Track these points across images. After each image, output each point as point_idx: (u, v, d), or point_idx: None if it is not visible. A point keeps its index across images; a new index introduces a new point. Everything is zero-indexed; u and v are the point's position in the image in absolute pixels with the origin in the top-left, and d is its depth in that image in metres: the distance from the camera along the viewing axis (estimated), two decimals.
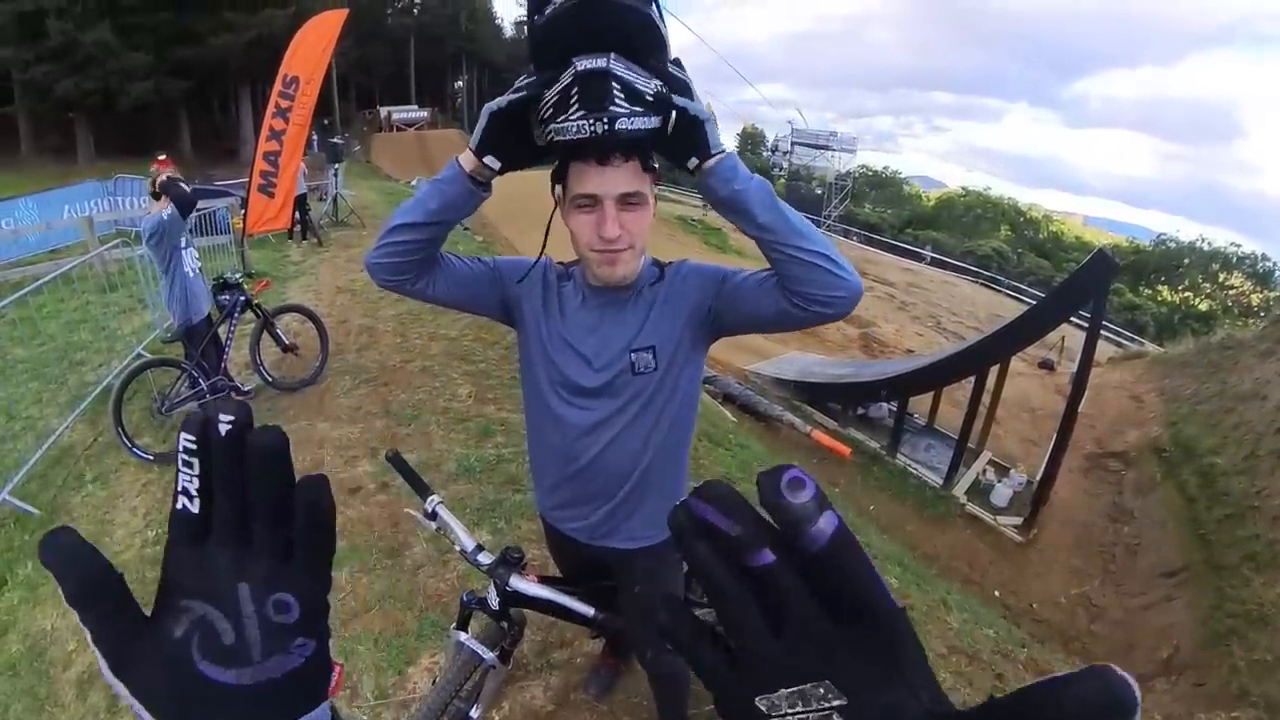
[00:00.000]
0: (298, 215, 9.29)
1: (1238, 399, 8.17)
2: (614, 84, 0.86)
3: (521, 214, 17.80)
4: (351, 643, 2.41)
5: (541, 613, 1.43)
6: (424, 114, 34.56)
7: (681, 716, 1.86)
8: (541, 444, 1.35)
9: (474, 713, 1.63)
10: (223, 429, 0.30)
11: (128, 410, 3.93)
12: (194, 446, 0.30)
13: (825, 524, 0.23)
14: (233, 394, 4.25)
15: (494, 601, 1.40)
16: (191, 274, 3.92)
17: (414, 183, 20.03)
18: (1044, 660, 3.18)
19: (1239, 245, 34.28)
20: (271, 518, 0.30)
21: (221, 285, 4.17)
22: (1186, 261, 34.36)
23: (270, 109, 6.82)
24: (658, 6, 0.91)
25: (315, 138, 14.58)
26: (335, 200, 11.47)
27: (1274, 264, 33.00)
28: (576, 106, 0.88)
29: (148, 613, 0.30)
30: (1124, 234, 50.27)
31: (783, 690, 0.25)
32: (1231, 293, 32.87)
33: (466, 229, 14.80)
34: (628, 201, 1.01)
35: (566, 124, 0.89)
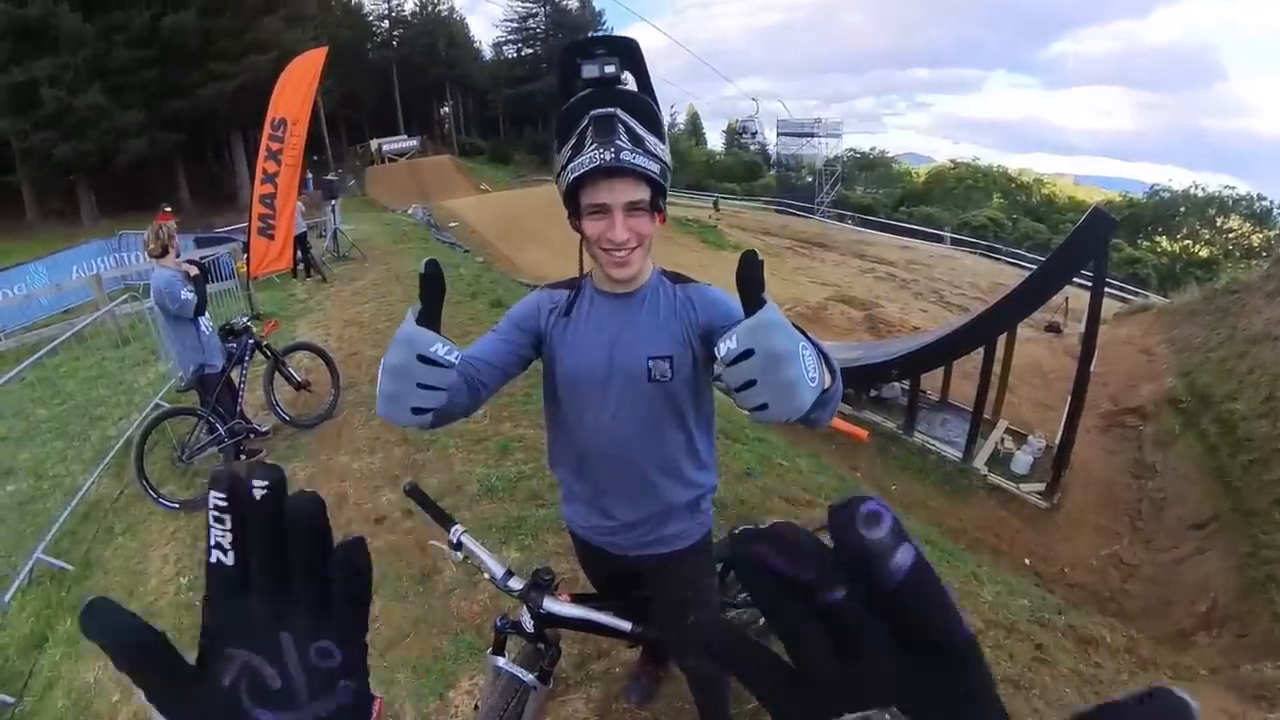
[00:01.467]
0: (299, 254, 9.41)
1: (1249, 342, 8.09)
2: (620, 124, 1.07)
3: (517, 232, 18.10)
4: (389, 672, 2.44)
5: (578, 629, 1.45)
6: (414, 143, 34.80)
7: (723, 715, 1.87)
8: (565, 454, 1.41)
9: None
10: (258, 494, 0.31)
11: (150, 461, 3.98)
12: (224, 504, 0.32)
13: (903, 559, 0.23)
14: (251, 435, 4.30)
15: (528, 625, 1.41)
16: (207, 332, 3.97)
17: (410, 211, 20.20)
18: (1081, 625, 3.17)
19: (1233, 188, 33.95)
20: (311, 573, 0.32)
21: (228, 331, 4.22)
22: (1182, 210, 34.03)
23: (262, 153, 6.91)
24: (655, 100, 1.13)
25: (310, 176, 14.75)
26: (335, 236, 11.61)
27: (1271, 203, 32.53)
28: (590, 141, 1.07)
29: (192, 661, 0.32)
30: (1116, 189, 49.75)
31: (847, 715, 0.24)
32: (1231, 236, 32.46)
33: (467, 251, 14.92)
34: (635, 208, 1.12)
35: (581, 159, 1.07)
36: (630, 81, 1.12)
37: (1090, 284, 6.64)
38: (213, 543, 0.32)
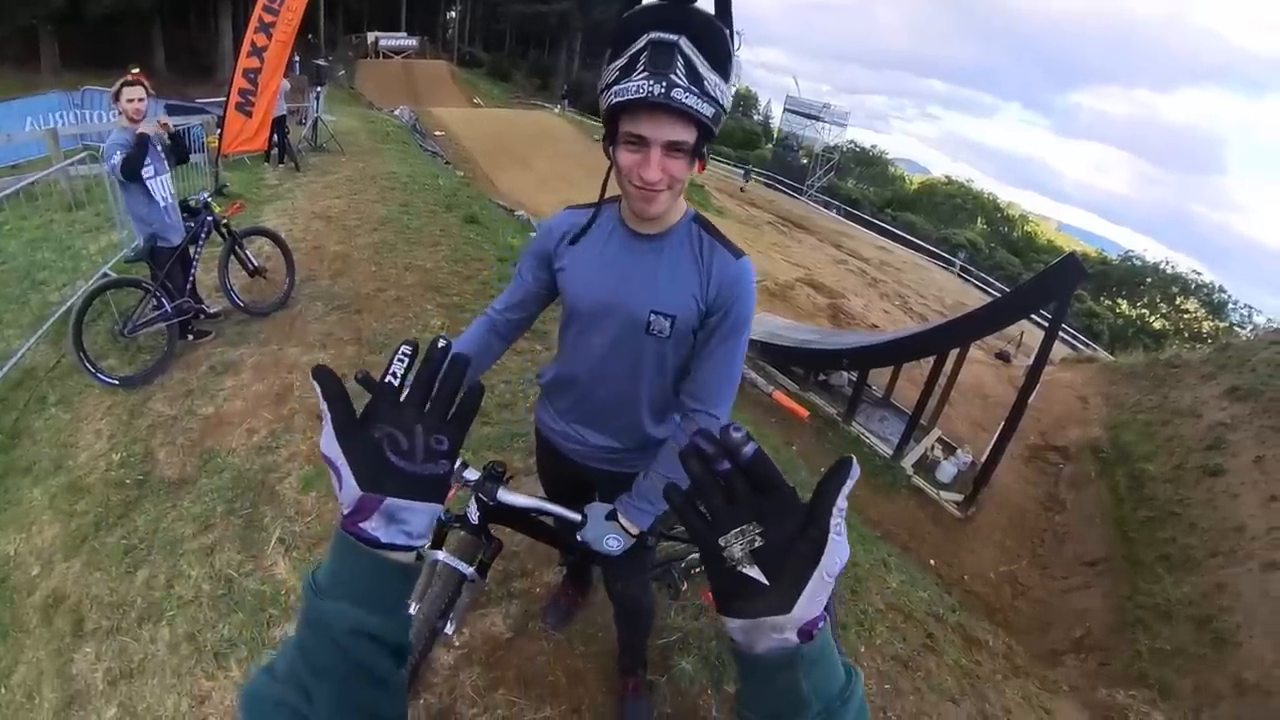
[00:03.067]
0: (275, 138, 8.93)
1: (1175, 414, 8.66)
2: (679, 56, 0.95)
3: (503, 153, 17.59)
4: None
5: (520, 529, 1.48)
6: (412, 42, 33.05)
7: (641, 645, 1.97)
8: (562, 367, 1.44)
9: (448, 628, 1.66)
10: (439, 344, 0.54)
11: (91, 332, 3.79)
12: (410, 353, 0.54)
13: (749, 449, 0.47)
14: (201, 316, 4.15)
15: (474, 516, 1.44)
16: (163, 202, 3.71)
17: (396, 111, 19.33)
18: (969, 626, 3.40)
19: (1200, 274, 36.14)
20: (446, 398, 0.54)
21: (185, 208, 3.98)
22: (1149, 281, 36.02)
23: (253, 23, 6.44)
24: (730, 33, 1.00)
25: (298, 58, 13.89)
26: (315, 124, 11.03)
27: (1229, 296, 34.81)
28: (643, 68, 0.96)
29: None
30: (1094, 245, 51.73)
31: (731, 532, 0.48)
32: (1185, 317, 34.44)
33: (448, 163, 14.42)
34: (675, 149, 1.03)
35: (629, 84, 0.98)
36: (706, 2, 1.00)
37: (1048, 324, 6.92)
38: (390, 370, 0.53)
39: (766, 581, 0.47)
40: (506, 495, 1.37)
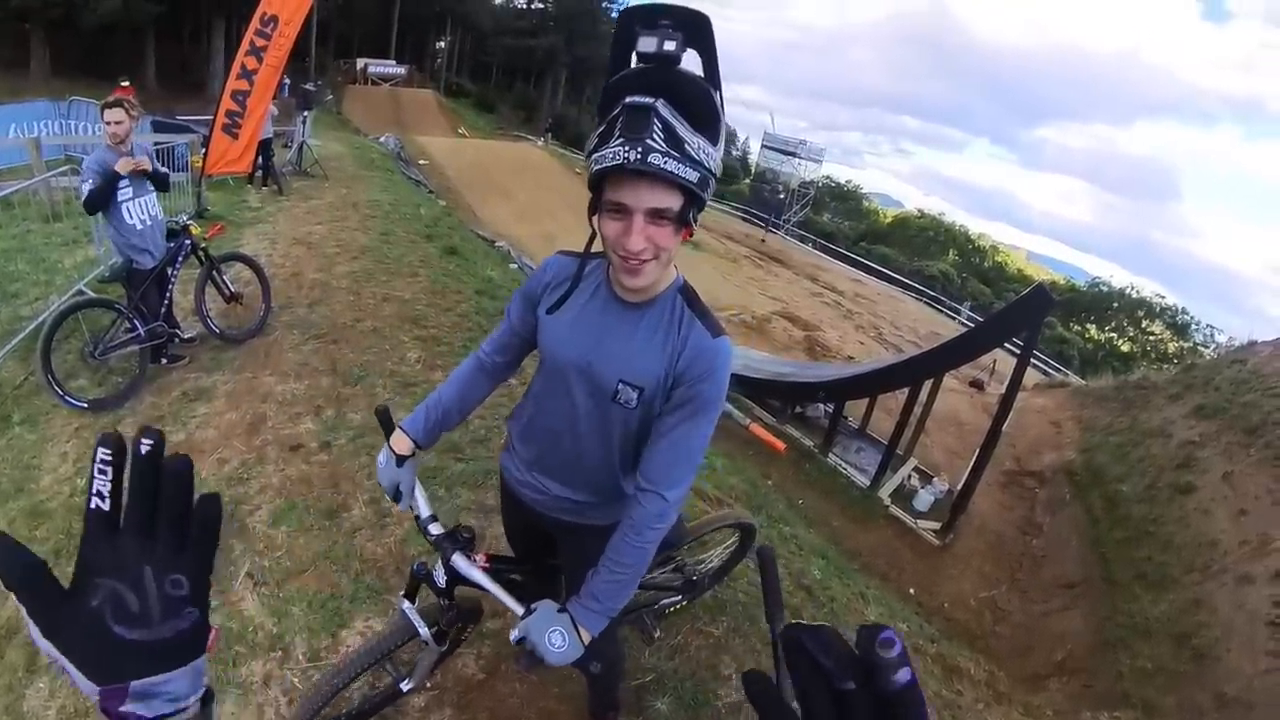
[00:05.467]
0: (260, 160, 8.92)
1: (1146, 434, 8.82)
2: (655, 120, 0.92)
3: (486, 183, 17.72)
4: (285, 604, 2.38)
5: (480, 595, 1.45)
6: (401, 70, 33.33)
7: (611, 691, 1.93)
8: (523, 410, 1.41)
9: (405, 685, 1.62)
10: (143, 449, 0.40)
11: (60, 352, 3.69)
12: (109, 458, 0.40)
13: (903, 675, 0.32)
14: (175, 340, 4.09)
15: (439, 579, 1.38)
16: (139, 225, 3.65)
17: (382, 139, 19.42)
18: (950, 655, 3.41)
19: (1163, 297, 37.62)
20: (174, 520, 0.41)
21: (166, 232, 3.93)
22: (1115, 305, 37.35)
23: (244, 46, 6.48)
24: (719, 95, 0.98)
25: (287, 82, 13.96)
26: (301, 148, 11.04)
27: (1192, 318, 36.12)
28: (619, 134, 0.94)
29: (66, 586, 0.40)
30: (1062, 273, 53.16)
31: None
32: (1152, 339, 35.64)
33: (431, 192, 14.48)
34: (659, 216, 1.00)
35: (606, 150, 0.95)
36: (693, 64, 0.96)
37: (1019, 351, 7.07)
38: (94, 490, 0.40)
39: None
40: (460, 562, 1.31)
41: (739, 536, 2.24)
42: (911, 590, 6.11)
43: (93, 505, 0.40)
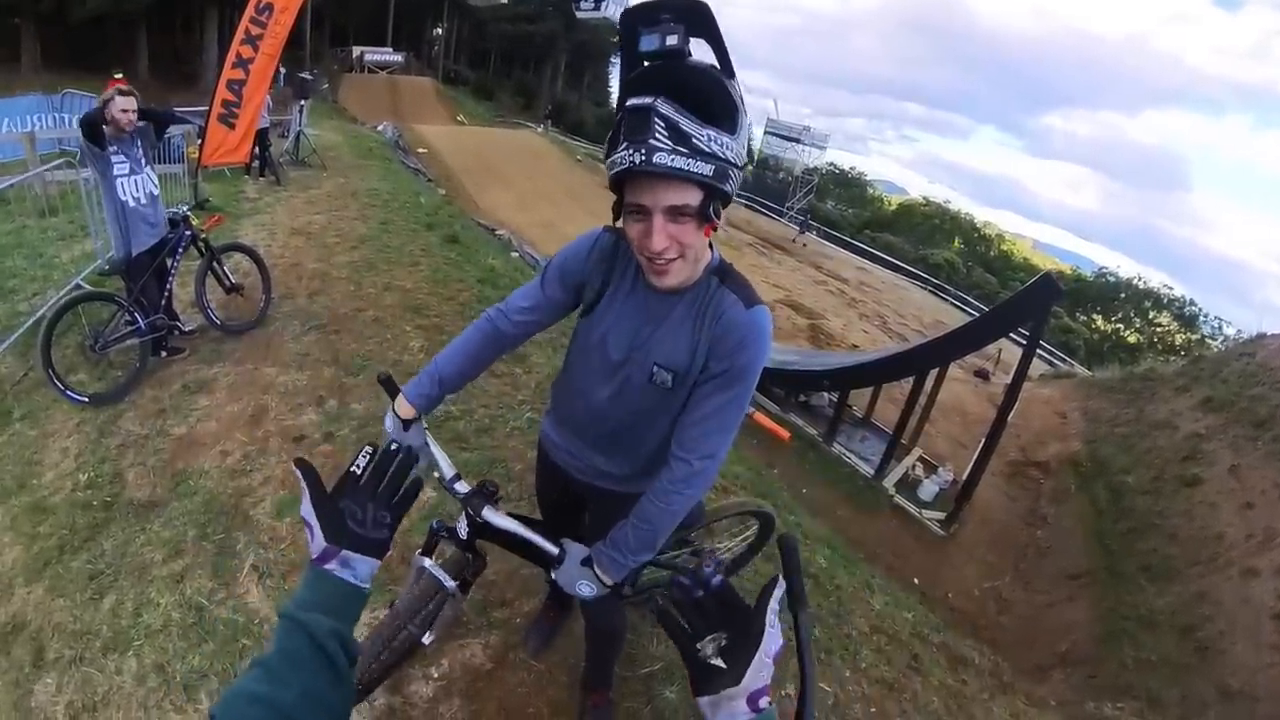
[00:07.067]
0: (257, 150, 8.86)
1: (1152, 426, 8.79)
2: (656, 119, 0.91)
3: (486, 171, 17.66)
4: (290, 596, 2.38)
5: (506, 549, 1.46)
6: (398, 58, 33.05)
7: (609, 664, 1.95)
8: (564, 388, 1.45)
9: (426, 638, 1.66)
10: (393, 447, 0.86)
11: (60, 346, 3.66)
12: (372, 451, 0.84)
13: (716, 582, 0.71)
14: (176, 332, 4.05)
15: (463, 531, 1.45)
16: (133, 203, 3.58)
17: (379, 127, 19.30)
18: (954, 645, 3.39)
19: (1171, 288, 37.04)
20: (393, 488, 0.83)
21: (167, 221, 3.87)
22: (1122, 296, 36.85)
23: (239, 35, 6.38)
24: (734, 83, 0.97)
25: (283, 71, 13.86)
26: (298, 138, 10.98)
27: (1200, 309, 35.60)
28: (623, 138, 0.95)
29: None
30: (1069, 262, 52.89)
31: (706, 639, 0.70)
32: (1159, 330, 35.17)
33: (430, 180, 14.41)
34: (679, 213, 1.00)
35: (616, 155, 0.97)
36: (703, 54, 0.97)
37: (1025, 341, 7.00)
38: (355, 462, 0.82)
39: (725, 666, 0.67)
40: (491, 514, 1.36)
41: (758, 527, 2.23)
42: (915, 580, 6.10)
43: (352, 469, 0.82)
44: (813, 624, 2.73)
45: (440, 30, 42.64)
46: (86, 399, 3.55)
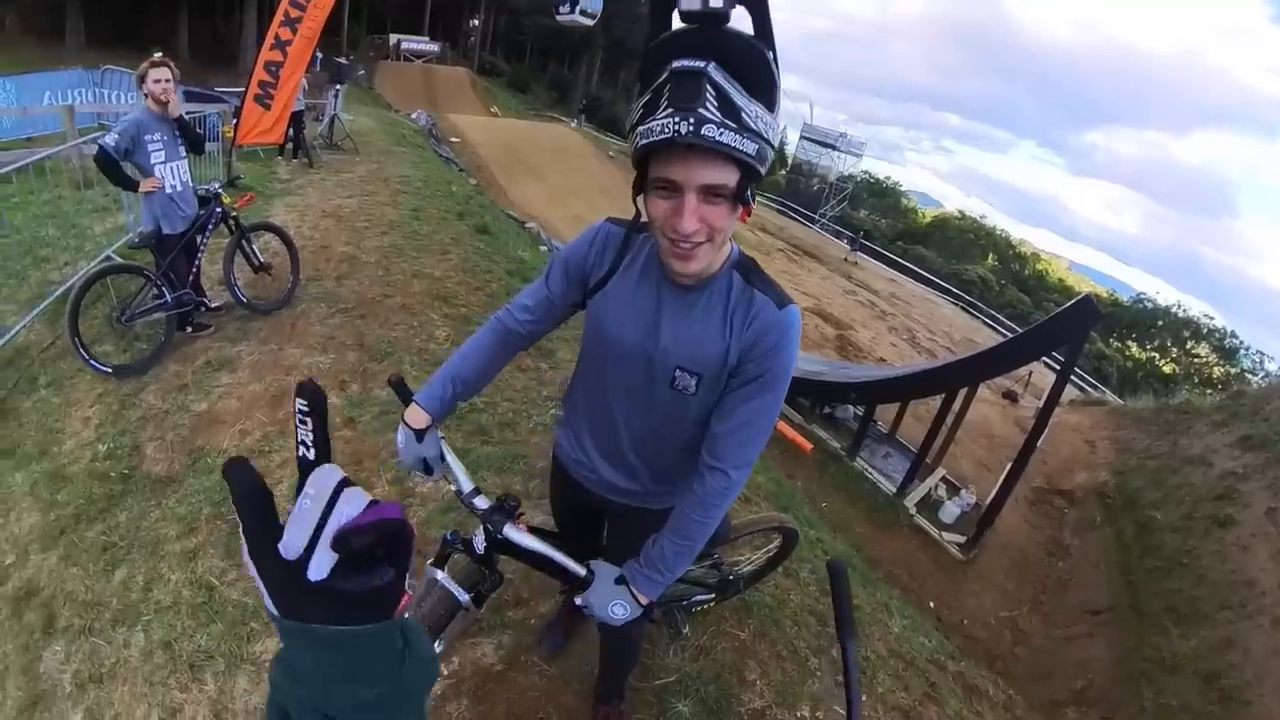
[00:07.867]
0: (291, 132, 8.94)
1: (1185, 461, 8.49)
2: (708, 86, 0.83)
3: (517, 164, 17.70)
4: None
5: (526, 564, 1.41)
6: (434, 47, 33.41)
7: (623, 677, 1.90)
8: (576, 393, 1.37)
9: (436, 647, 1.61)
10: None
11: (88, 316, 3.68)
12: (307, 409, 0.46)
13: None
14: (202, 309, 4.07)
15: (479, 546, 1.37)
16: (167, 188, 3.59)
17: (413, 115, 19.46)
18: (971, 676, 3.28)
19: (1211, 317, 35.94)
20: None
21: (197, 199, 3.89)
22: (1160, 324, 35.80)
23: (278, 17, 6.45)
24: (774, 56, 0.88)
25: (319, 56, 14.07)
26: (332, 122, 11.09)
27: (1241, 342, 34.39)
28: (667, 104, 0.84)
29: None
30: (1106, 285, 51.81)
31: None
32: (1196, 362, 34.07)
33: (462, 170, 14.48)
34: (713, 194, 0.91)
35: (654, 123, 0.86)
36: (743, 22, 0.88)
37: (1059, 365, 6.81)
38: (300, 440, 0.46)
39: None
40: (512, 532, 1.28)
41: (781, 541, 2.16)
42: (931, 603, 5.96)
43: (300, 454, 0.46)
44: (859, 650, 2.64)
45: (477, 21, 42.93)
46: (110, 370, 3.57)
